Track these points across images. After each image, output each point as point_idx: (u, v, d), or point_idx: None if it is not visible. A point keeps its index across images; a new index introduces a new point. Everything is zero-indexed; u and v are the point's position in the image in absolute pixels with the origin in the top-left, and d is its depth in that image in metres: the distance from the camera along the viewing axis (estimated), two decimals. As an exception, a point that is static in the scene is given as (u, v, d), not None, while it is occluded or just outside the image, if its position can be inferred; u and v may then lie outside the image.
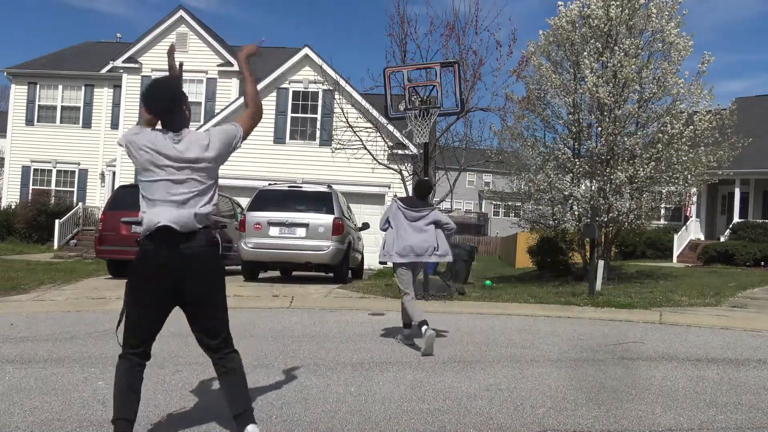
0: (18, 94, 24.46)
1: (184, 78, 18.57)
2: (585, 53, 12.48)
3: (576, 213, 12.94)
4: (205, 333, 3.23)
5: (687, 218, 24.22)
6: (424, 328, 5.65)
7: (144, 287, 3.08)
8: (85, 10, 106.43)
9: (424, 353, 5.53)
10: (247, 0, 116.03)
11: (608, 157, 12.71)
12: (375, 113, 17.30)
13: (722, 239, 22.26)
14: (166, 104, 3.19)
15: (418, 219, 6.25)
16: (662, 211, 23.23)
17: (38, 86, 24.29)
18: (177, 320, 3.24)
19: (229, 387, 3.24)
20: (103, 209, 13.68)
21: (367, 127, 16.42)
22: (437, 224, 6.31)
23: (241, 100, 19.66)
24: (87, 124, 24.19)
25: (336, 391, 4.33)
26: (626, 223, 13.42)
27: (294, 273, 14.24)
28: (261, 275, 12.86)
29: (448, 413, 3.89)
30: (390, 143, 17.61)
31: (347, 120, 15.90)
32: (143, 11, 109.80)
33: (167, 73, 3.57)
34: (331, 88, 17.79)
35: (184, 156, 3.12)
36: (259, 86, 19.47)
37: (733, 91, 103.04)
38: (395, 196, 6.59)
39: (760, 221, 22.26)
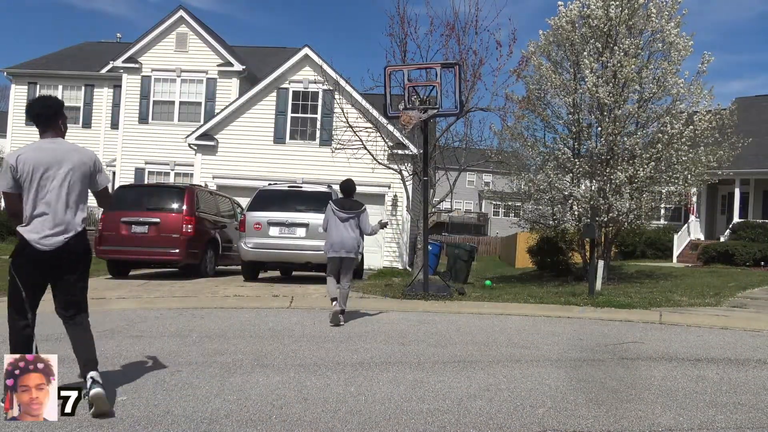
0: (18, 94, 24.47)
1: (184, 78, 18.61)
2: (585, 53, 12.49)
3: (576, 213, 12.94)
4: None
5: (686, 218, 24.22)
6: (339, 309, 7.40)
7: None
8: (86, 10, 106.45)
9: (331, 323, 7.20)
10: (247, 0, 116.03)
11: (608, 157, 12.71)
12: (375, 113, 17.29)
13: (722, 239, 22.26)
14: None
15: (347, 220, 7.57)
16: (662, 211, 23.22)
17: (38, 86, 24.29)
18: (176, 320, 3.24)
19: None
20: (102, 209, 13.67)
21: (367, 127, 16.41)
22: (360, 226, 7.67)
23: (242, 99, 19.69)
24: (87, 124, 24.19)
25: (336, 391, 4.33)
26: (626, 223, 13.42)
27: (294, 273, 14.24)
28: (261, 275, 12.87)
29: (448, 413, 3.89)
30: (390, 143, 17.60)
31: (347, 120, 15.89)
32: (144, 11, 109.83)
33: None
34: (331, 88, 17.78)
35: None
36: (259, 86, 19.52)
37: (734, 91, 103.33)
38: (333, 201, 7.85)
39: (760, 221, 22.26)
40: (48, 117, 3.93)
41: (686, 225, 23.72)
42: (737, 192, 22.88)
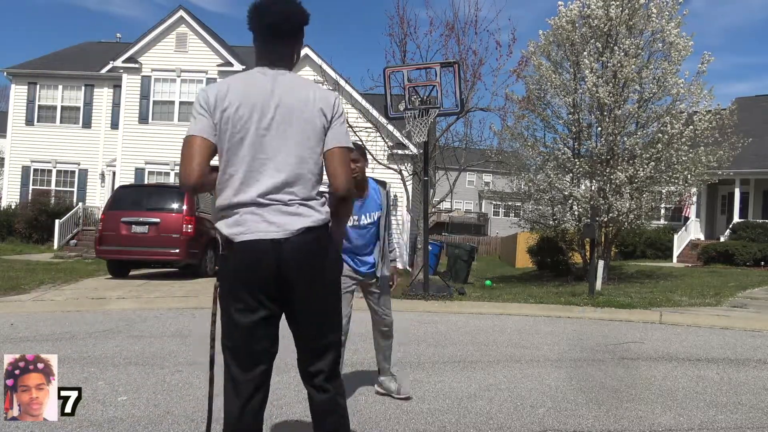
0: (18, 94, 24.45)
1: (184, 78, 17.97)
2: (585, 53, 12.50)
3: (576, 213, 12.95)
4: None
5: (686, 218, 24.21)
6: None
7: None
8: (86, 9, 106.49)
9: None
10: (247, 0, 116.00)
11: (608, 157, 12.72)
12: (375, 113, 17.29)
13: (722, 239, 22.25)
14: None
15: None
16: (662, 211, 23.23)
17: (38, 86, 24.27)
18: (176, 320, 3.23)
19: None
20: (103, 209, 13.68)
21: (367, 127, 16.41)
22: None
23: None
24: (87, 124, 24.18)
25: (336, 391, 4.31)
26: (626, 223, 13.43)
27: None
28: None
29: (448, 413, 3.89)
30: (390, 143, 17.60)
31: (347, 120, 15.90)
32: (146, 11, 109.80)
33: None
34: (331, 87, 17.77)
35: None
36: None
37: (739, 93, 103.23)
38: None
39: (760, 221, 22.25)
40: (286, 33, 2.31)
41: (686, 225, 23.72)
42: (737, 192, 22.87)
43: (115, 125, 23.41)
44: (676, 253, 22.24)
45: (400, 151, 17.80)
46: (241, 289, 2.15)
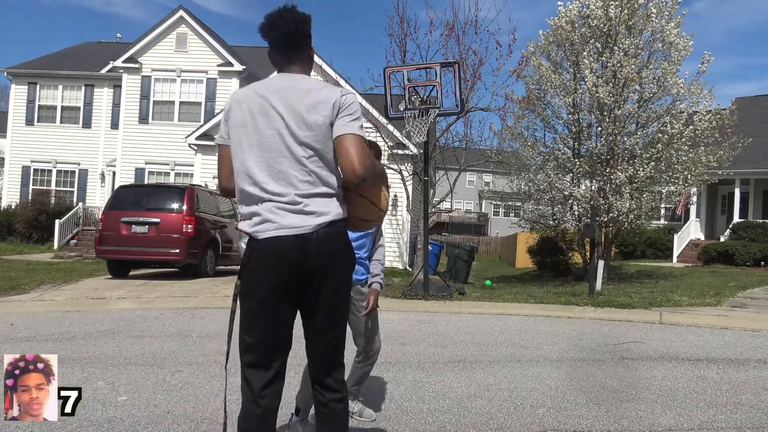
0: (18, 94, 24.44)
1: (184, 78, 17.93)
2: (585, 53, 12.50)
3: (576, 213, 12.95)
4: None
5: (681, 216, 24.19)
6: None
7: None
8: (87, 9, 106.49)
9: None
10: (247, 0, 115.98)
11: (608, 157, 12.72)
12: (375, 113, 17.29)
13: (722, 239, 22.25)
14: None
15: None
16: (662, 211, 23.23)
17: (38, 86, 24.27)
18: (176, 320, 3.23)
19: None
20: (103, 209, 13.68)
21: (367, 127, 16.41)
22: None
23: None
24: (87, 124, 24.17)
25: (336, 391, 4.31)
26: (626, 223, 13.43)
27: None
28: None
29: (448, 413, 3.89)
30: (390, 143, 17.60)
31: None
32: (148, 12, 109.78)
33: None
34: (331, 88, 17.77)
35: None
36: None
37: (742, 93, 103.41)
38: None
39: (760, 221, 22.25)
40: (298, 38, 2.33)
41: (686, 225, 23.72)
42: (737, 192, 22.87)
43: (115, 125, 23.40)
44: (676, 253, 22.24)
45: (400, 151, 17.80)
46: (266, 285, 2.21)
